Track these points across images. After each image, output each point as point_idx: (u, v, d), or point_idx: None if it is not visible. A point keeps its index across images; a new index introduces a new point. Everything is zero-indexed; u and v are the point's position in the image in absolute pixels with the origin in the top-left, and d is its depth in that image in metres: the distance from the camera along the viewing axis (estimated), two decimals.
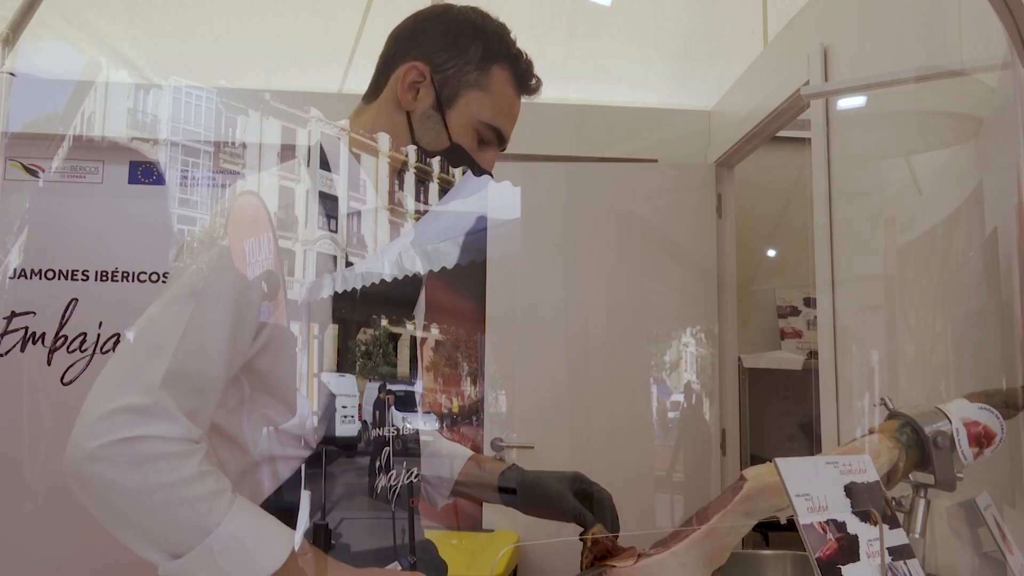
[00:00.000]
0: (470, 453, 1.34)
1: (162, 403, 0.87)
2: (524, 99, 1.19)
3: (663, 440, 2.62)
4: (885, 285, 1.99)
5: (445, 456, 1.33)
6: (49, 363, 2.41)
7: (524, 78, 1.17)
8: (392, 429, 1.13)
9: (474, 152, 1.15)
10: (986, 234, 1.43)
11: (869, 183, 2.07)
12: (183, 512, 0.87)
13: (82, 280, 2.52)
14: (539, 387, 2.62)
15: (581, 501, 1.23)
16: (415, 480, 1.20)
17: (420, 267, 1.23)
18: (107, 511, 0.88)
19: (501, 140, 1.17)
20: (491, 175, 1.19)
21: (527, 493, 1.26)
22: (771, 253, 3.06)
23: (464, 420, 2.68)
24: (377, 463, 1.10)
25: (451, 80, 1.13)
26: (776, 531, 2.34)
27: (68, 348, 2.43)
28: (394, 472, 1.13)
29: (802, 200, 2.25)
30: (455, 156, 1.15)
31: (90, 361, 2.41)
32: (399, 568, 1.19)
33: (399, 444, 1.17)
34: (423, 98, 1.14)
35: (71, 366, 2.41)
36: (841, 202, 2.15)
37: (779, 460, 0.89)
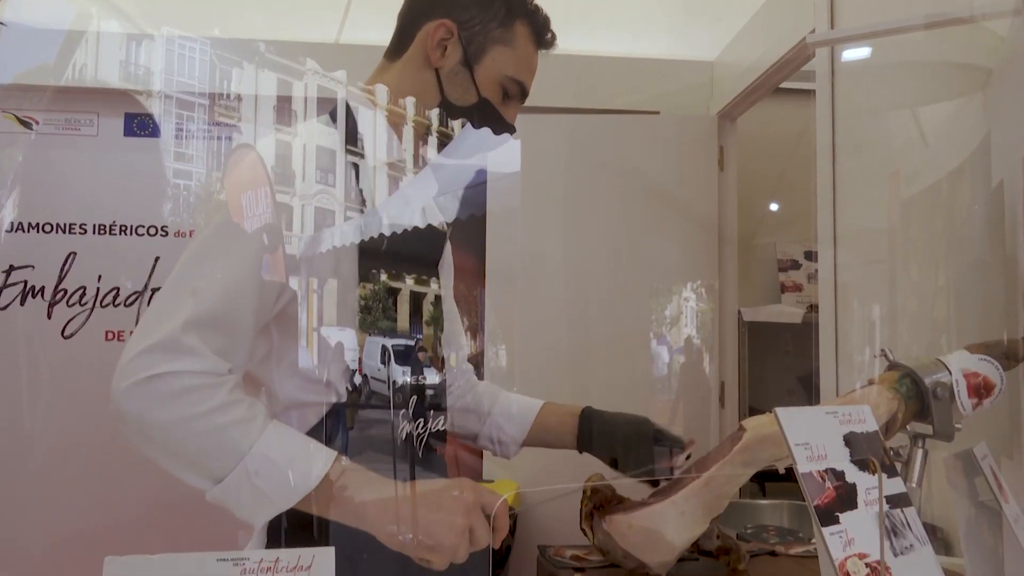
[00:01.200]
0: (541, 403, 1.39)
1: (187, 342, 0.92)
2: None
3: (663, 394, 2.63)
4: (888, 239, 1.98)
5: (516, 413, 1.38)
6: (49, 316, 2.41)
7: (542, 33, 1.22)
8: (420, 378, 1.20)
9: (499, 106, 1.19)
10: (992, 187, 1.41)
11: (874, 135, 2.05)
12: (216, 439, 0.92)
13: (80, 234, 2.51)
14: (539, 342, 2.62)
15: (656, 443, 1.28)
16: (441, 429, 1.23)
17: (430, 219, 1.25)
18: (147, 444, 0.95)
19: (523, 94, 1.22)
20: (514, 129, 1.23)
21: (602, 440, 1.30)
22: (774, 207, 3.04)
23: (421, 395, 2.67)
24: (404, 411, 1.15)
25: (477, 37, 1.17)
26: (773, 481, 2.37)
27: (68, 302, 2.43)
28: (420, 420, 1.17)
29: (806, 153, 2.23)
30: (482, 111, 1.18)
31: (90, 314, 2.41)
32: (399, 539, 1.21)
33: (426, 393, 1.21)
34: (451, 55, 1.17)
35: (71, 320, 2.41)
36: (845, 155, 2.12)
37: (779, 410, 0.89)
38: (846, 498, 0.90)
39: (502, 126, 1.21)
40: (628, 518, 1.14)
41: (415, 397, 1.19)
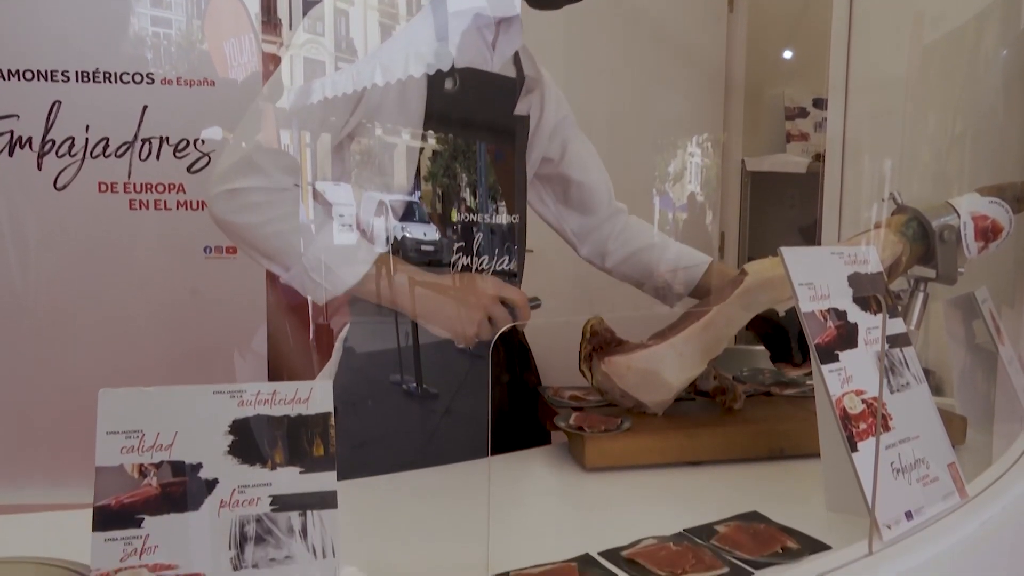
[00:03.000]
0: (708, 260, 1.45)
1: (258, 160, 1.09)
2: None
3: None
4: (904, 87, 1.91)
5: (683, 267, 1.45)
6: (40, 168, 2.36)
7: None
8: (484, 216, 1.29)
9: None
10: (1021, 29, 1.34)
11: None
12: (280, 242, 1.12)
13: (63, 81, 2.41)
14: None
15: None
16: (509, 268, 1.31)
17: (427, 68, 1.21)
18: (235, 242, 1.15)
19: None
20: None
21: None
22: (787, 55, 2.91)
23: (464, 231, 2.66)
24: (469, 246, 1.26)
25: None
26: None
27: (57, 152, 2.37)
28: (485, 257, 1.27)
29: None
30: None
31: (81, 165, 2.36)
32: (404, 385, 1.23)
33: (491, 232, 1.29)
34: None
35: (62, 171, 2.36)
36: None
37: (784, 249, 0.88)
38: (847, 337, 0.89)
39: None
40: (627, 359, 1.14)
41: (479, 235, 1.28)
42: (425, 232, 1.23)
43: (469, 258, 1.24)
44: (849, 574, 0.78)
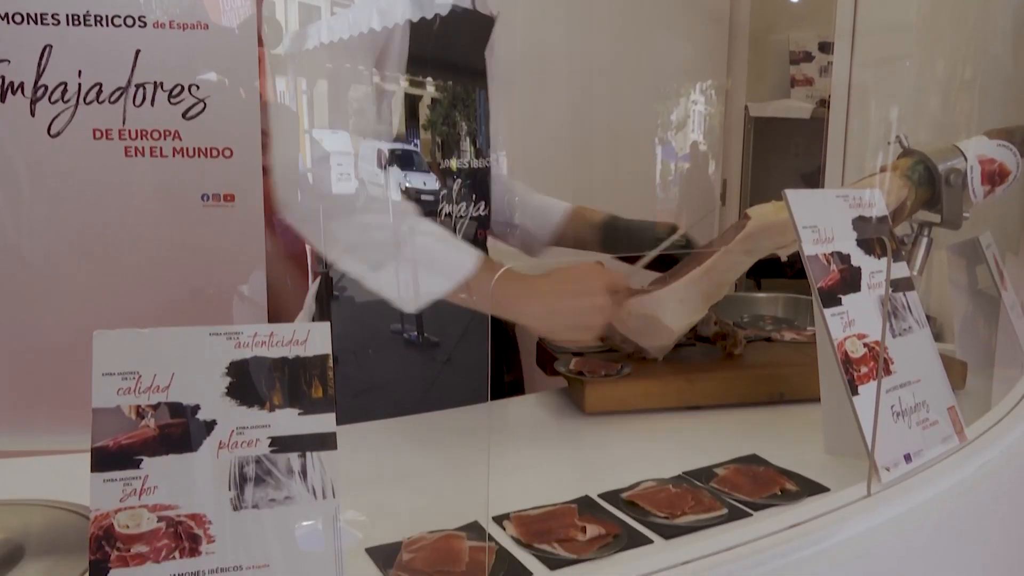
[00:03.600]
0: (568, 206, 1.42)
1: None
2: None
3: (664, 199, 2.59)
4: (912, 32, 1.87)
5: (539, 208, 1.42)
6: (33, 114, 2.33)
7: None
8: (463, 163, 1.24)
9: None
10: None
11: None
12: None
13: (54, 25, 2.36)
14: (540, 146, 2.54)
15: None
16: (483, 214, 1.26)
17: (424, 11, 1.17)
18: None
19: None
20: None
21: (619, 239, 1.34)
22: None
23: (464, 180, 2.64)
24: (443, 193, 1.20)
25: None
26: (768, 278, 2.39)
27: (50, 98, 2.33)
28: (463, 204, 1.22)
29: None
30: None
31: (75, 112, 2.32)
32: (405, 334, 1.23)
33: (469, 178, 1.24)
34: None
35: (56, 117, 2.33)
36: None
37: (788, 191, 0.86)
38: (850, 280, 0.89)
39: None
40: (628, 304, 1.14)
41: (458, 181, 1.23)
42: (425, 181, 1.22)
43: (450, 206, 1.21)
44: (847, 515, 0.78)
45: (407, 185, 1.20)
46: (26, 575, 0.68)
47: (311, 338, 0.60)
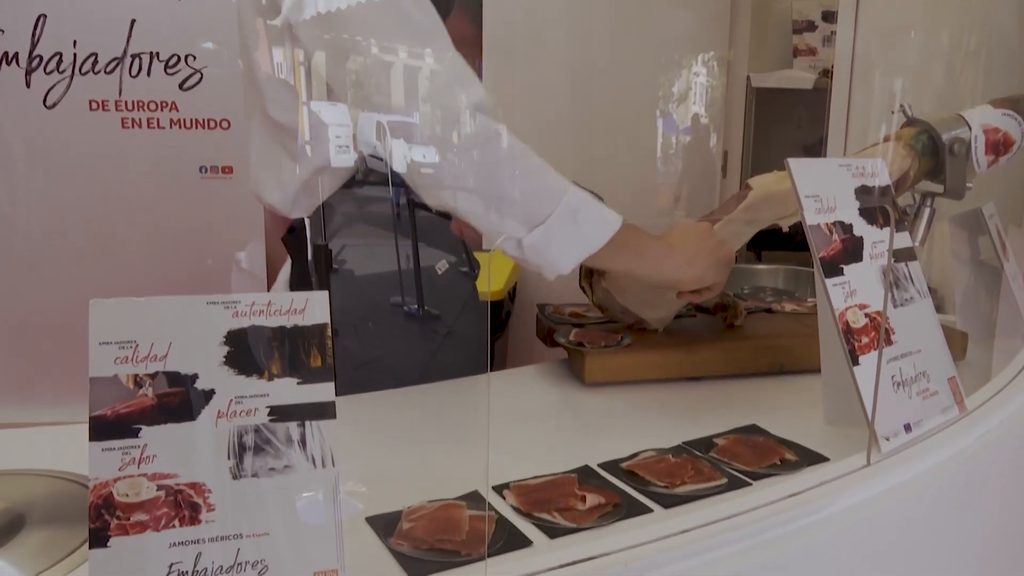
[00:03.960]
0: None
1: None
2: None
3: (666, 171, 2.57)
4: (918, 2, 1.85)
5: None
6: (28, 85, 2.31)
7: None
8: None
9: None
10: None
11: None
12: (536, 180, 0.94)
13: None
14: (540, 117, 2.52)
15: None
16: None
17: None
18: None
19: None
20: None
21: None
22: None
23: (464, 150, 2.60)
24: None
25: None
26: (769, 250, 2.39)
27: (45, 69, 2.31)
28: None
29: None
30: None
31: (70, 82, 2.30)
32: (405, 307, 1.22)
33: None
34: None
35: (52, 88, 2.31)
36: None
37: (791, 160, 0.85)
38: (852, 251, 0.88)
39: None
40: (627, 275, 1.13)
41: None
42: (425, 155, 1.21)
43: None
44: (847, 485, 0.78)
45: (409, 159, 1.18)
46: (27, 544, 0.69)
47: (309, 307, 0.59)
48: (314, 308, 0.60)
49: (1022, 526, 1.08)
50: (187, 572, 0.54)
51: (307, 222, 1.32)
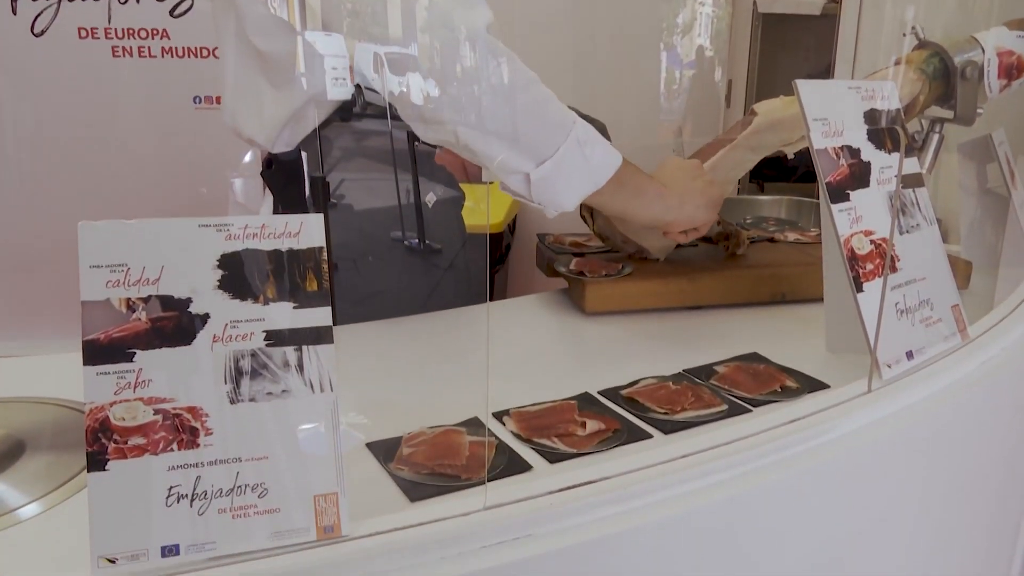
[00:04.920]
0: None
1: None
2: None
3: (669, 103, 2.52)
4: None
5: None
6: (14, 12, 2.24)
7: None
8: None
9: None
10: None
11: None
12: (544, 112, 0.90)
13: None
14: (541, 48, 2.46)
15: None
16: None
17: None
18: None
19: None
20: None
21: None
22: None
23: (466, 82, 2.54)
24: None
25: None
26: (771, 183, 2.36)
27: None
28: None
29: None
30: None
31: (58, 9, 2.24)
32: (405, 241, 1.20)
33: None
34: None
35: (39, 15, 2.25)
36: None
37: (799, 81, 0.83)
38: (859, 176, 0.86)
39: None
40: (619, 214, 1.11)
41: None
42: (425, 89, 1.17)
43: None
44: (847, 411, 0.78)
45: (404, 90, 1.15)
46: (27, 470, 0.69)
47: (304, 230, 0.58)
48: (309, 231, 0.58)
49: (1021, 452, 1.09)
50: (187, 495, 0.54)
51: (303, 155, 1.29)
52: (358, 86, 1.09)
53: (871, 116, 0.89)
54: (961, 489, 0.98)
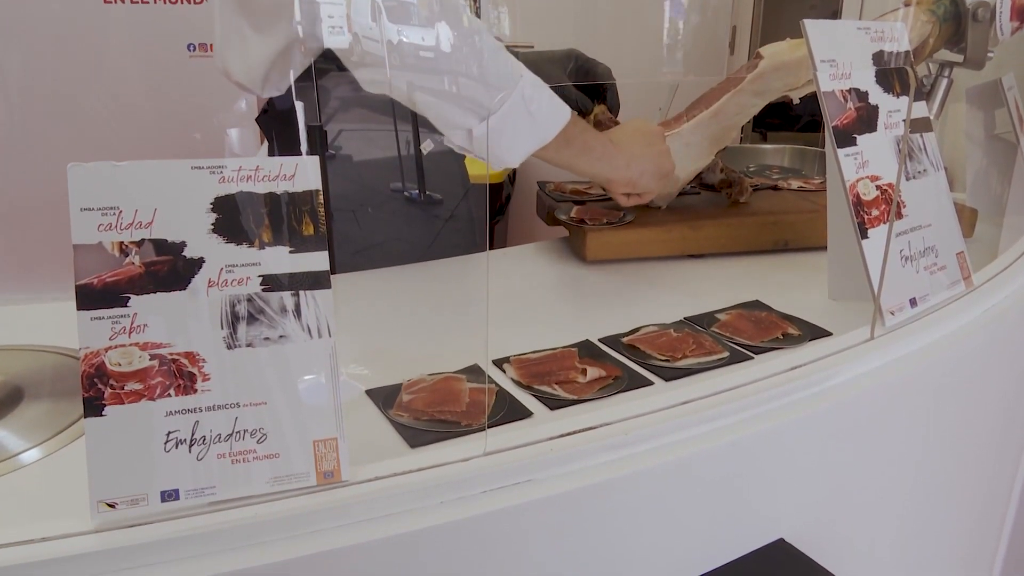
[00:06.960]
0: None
1: None
2: None
3: (670, 56, 2.47)
4: None
5: None
6: None
7: None
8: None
9: None
10: None
11: None
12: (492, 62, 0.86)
13: None
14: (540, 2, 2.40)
15: (581, 79, 1.18)
16: None
17: None
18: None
19: None
20: None
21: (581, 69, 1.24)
22: None
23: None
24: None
25: None
26: (774, 131, 2.33)
27: None
28: None
29: None
30: None
31: None
32: (406, 192, 1.18)
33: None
34: None
35: None
36: None
37: (807, 21, 0.81)
38: (866, 119, 0.84)
39: None
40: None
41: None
42: (424, 37, 1.14)
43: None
44: (849, 358, 0.78)
45: (402, 39, 1.12)
46: (26, 416, 0.69)
47: (299, 172, 0.57)
48: (305, 173, 0.57)
49: (1021, 398, 1.09)
50: (185, 440, 0.53)
51: (298, 106, 1.27)
52: (356, 34, 1.06)
53: (879, 58, 0.87)
54: (962, 434, 0.98)
